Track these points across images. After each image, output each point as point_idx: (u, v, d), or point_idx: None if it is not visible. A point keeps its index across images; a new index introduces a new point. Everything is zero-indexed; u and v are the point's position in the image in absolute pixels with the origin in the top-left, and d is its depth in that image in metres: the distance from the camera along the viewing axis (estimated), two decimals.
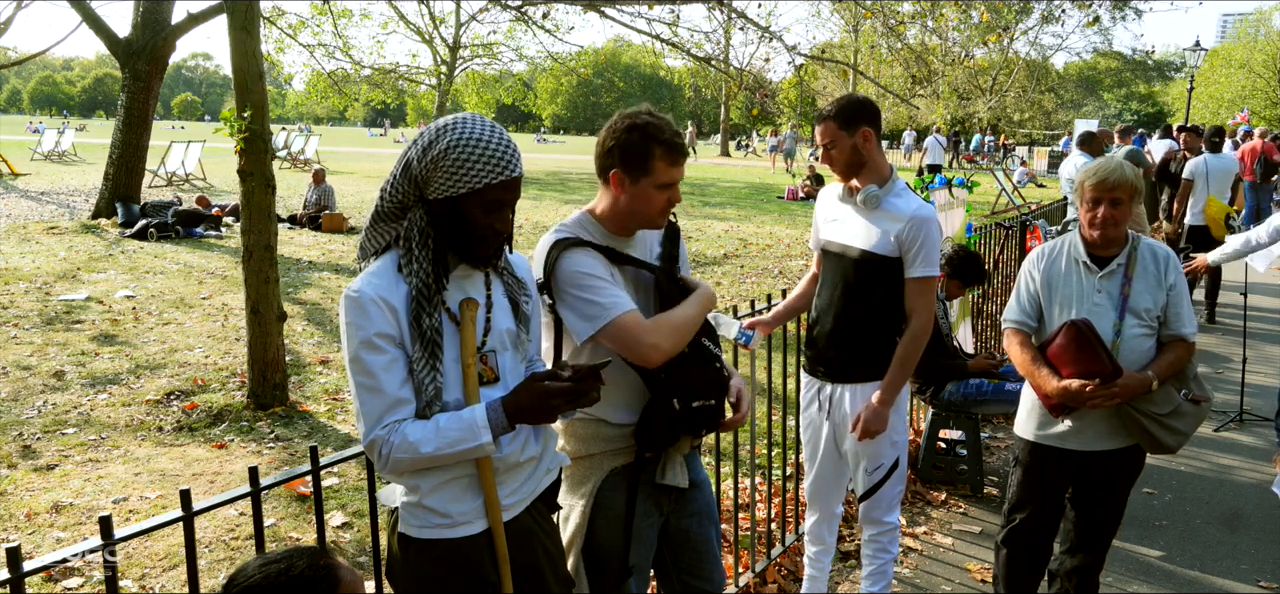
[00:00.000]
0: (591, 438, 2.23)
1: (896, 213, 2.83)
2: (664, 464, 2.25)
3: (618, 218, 2.18)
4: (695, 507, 2.36)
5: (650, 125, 2.11)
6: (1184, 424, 2.78)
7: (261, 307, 5.56)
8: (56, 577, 3.55)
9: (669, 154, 2.11)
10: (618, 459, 2.23)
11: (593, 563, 2.26)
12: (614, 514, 2.23)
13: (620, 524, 2.23)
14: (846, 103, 2.87)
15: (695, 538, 2.37)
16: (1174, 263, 2.85)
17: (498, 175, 1.71)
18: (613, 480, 2.24)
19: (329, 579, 1.35)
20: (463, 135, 1.70)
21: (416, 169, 1.73)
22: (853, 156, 2.86)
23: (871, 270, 2.87)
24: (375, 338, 1.70)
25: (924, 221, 2.80)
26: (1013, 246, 6.84)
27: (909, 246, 2.81)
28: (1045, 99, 44.45)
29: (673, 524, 2.34)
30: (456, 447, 1.70)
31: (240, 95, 5.49)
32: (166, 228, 12.34)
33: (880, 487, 3.03)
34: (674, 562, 2.38)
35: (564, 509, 2.28)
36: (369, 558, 3.24)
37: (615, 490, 2.23)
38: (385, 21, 27.57)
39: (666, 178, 2.12)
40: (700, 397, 2.15)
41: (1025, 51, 36.55)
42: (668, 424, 2.14)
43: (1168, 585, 3.74)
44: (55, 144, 28.38)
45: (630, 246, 2.23)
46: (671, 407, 2.13)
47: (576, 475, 2.27)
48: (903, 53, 14.33)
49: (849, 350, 2.99)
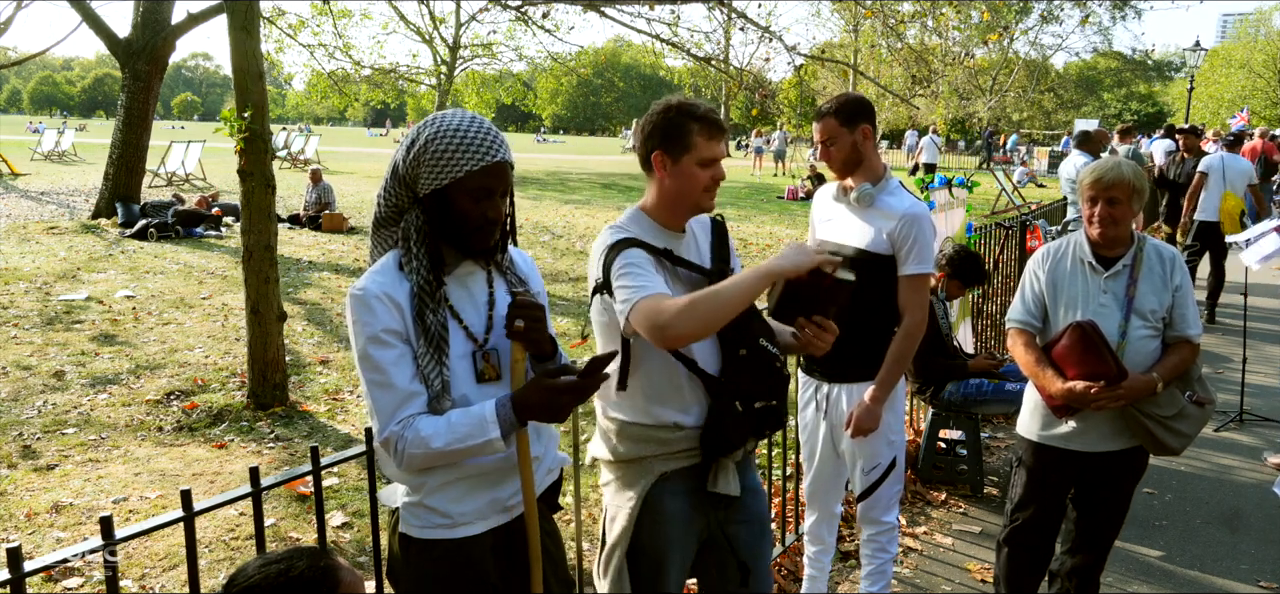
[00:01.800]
0: (645, 439, 2.19)
1: (889, 211, 2.84)
2: (716, 471, 2.20)
3: (667, 204, 2.18)
4: (747, 514, 2.30)
5: (685, 104, 2.13)
6: (1188, 426, 2.78)
7: (261, 307, 5.56)
8: (57, 577, 3.55)
9: (707, 129, 2.12)
10: (670, 463, 2.19)
11: (635, 567, 2.23)
12: (662, 518, 2.19)
13: (667, 529, 2.19)
14: (847, 100, 2.89)
15: (745, 546, 2.30)
16: (1180, 264, 2.85)
17: (478, 161, 1.72)
18: (661, 484, 2.20)
19: (329, 580, 1.35)
20: (440, 128, 1.74)
21: (403, 169, 1.77)
22: (852, 154, 2.87)
23: (866, 269, 2.86)
24: (382, 333, 1.71)
25: (916, 219, 2.81)
26: (1013, 246, 6.84)
27: (902, 244, 2.82)
28: (1045, 99, 44.44)
29: (722, 532, 2.27)
30: (466, 442, 1.70)
31: (240, 95, 5.49)
32: (166, 228, 12.33)
33: (877, 486, 3.03)
34: (719, 570, 2.31)
35: (610, 511, 2.26)
36: (369, 558, 3.23)
37: (664, 494, 2.19)
38: (385, 22, 27.58)
39: (708, 153, 2.13)
40: (761, 398, 2.13)
41: (1025, 51, 36.52)
42: (736, 427, 2.12)
43: (1168, 585, 3.74)
44: (55, 144, 28.37)
45: (683, 247, 2.22)
46: (735, 409, 2.11)
47: (625, 478, 2.23)
48: (903, 53, 14.33)
49: (845, 350, 2.96)
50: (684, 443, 2.17)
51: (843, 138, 2.85)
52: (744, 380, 2.12)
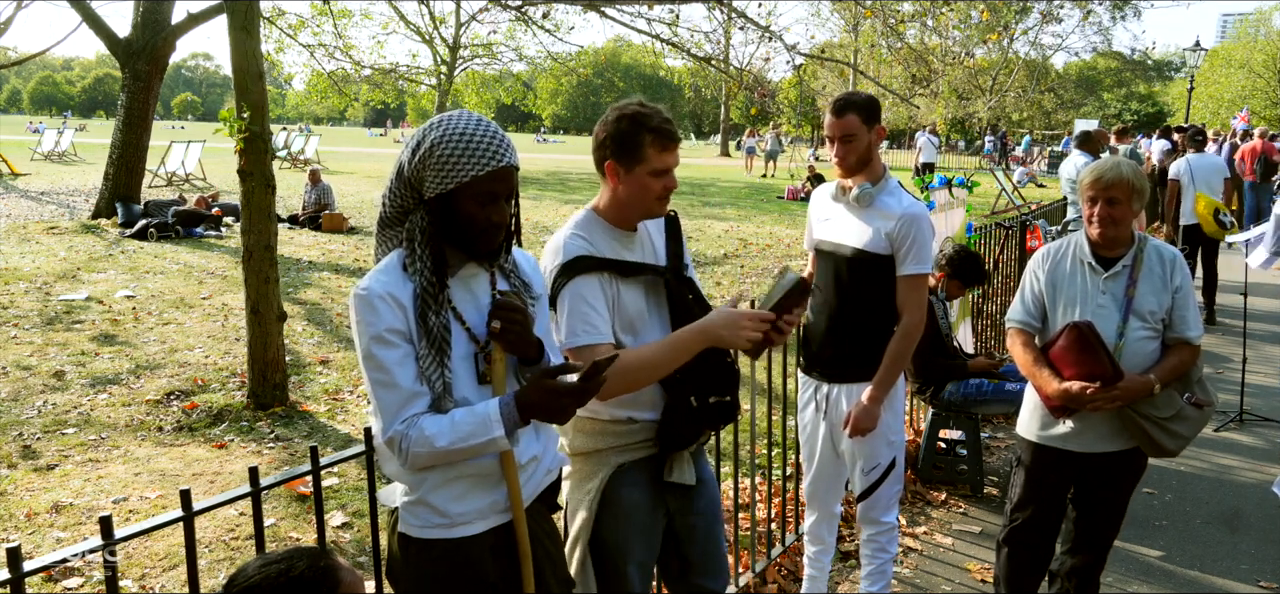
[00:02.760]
0: (599, 433, 2.24)
1: (887, 211, 2.85)
2: (672, 461, 2.27)
3: (618, 209, 2.21)
4: (701, 504, 2.38)
5: (640, 113, 2.13)
6: (1185, 428, 2.78)
7: (261, 306, 5.56)
8: (57, 577, 3.55)
9: (660, 140, 2.13)
10: (625, 455, 2.25)
11: (598, 559, 2.27)
12: (620, 510, 2.25)
13: (627, 520, 2.25)
14: (870, 98, 2.91)
15: (701, 536, 2.38)
16: (1180, 265, 2.84)
17: (485, 167, 1.72)
18: (619, 476, 2.25)
19: (329, 579, 1.35)
20: (447, 131, 1.72)
21: (408, 171, 1.76)
22: (867, 153, 2.88)
23: (865, 269, 2.88)
24: (386, 333, 1.70)
25: (915, 219, 2.82)
26: (1013, 246, 6.84)
27: (900, 244, 2.83)
28: (1045, 99, 44.41)
29: (679, 522, 2.35)
30: (470, 441, 1.70)
31: (240, 95, 5.49)
32: (166, 228, 12.33)
33: (877, 487, 3.03)
34: (680, 560, 2.39)
35: (570, 504, 2.30)
36: (369, 558, 3.24)
37: (622, 486, 2.25)
38: (385, 22, 27.52)
39: (659, 164, 2.14)
40: (715, 393, 2.18)
41: (1025, 51, 36.50)
42: (689, 421, 2.18)
43: (1168, 585, 3.74)
44: (55, 144, 28.36)
45: (634, 247, 2.24)
46: (690, 404, 2.17)
47: (583, 471, 2.28)
48: (903, 52, 14.33)
49: (844, 350, 2.99)
50: (640, 435, 2.23)
51: (862, 136, 2.86)
52: (698, 377, 2.16)
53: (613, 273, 2.17)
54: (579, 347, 2.11)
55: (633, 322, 2.20)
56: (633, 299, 2.20)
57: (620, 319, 2.19)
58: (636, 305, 2.20)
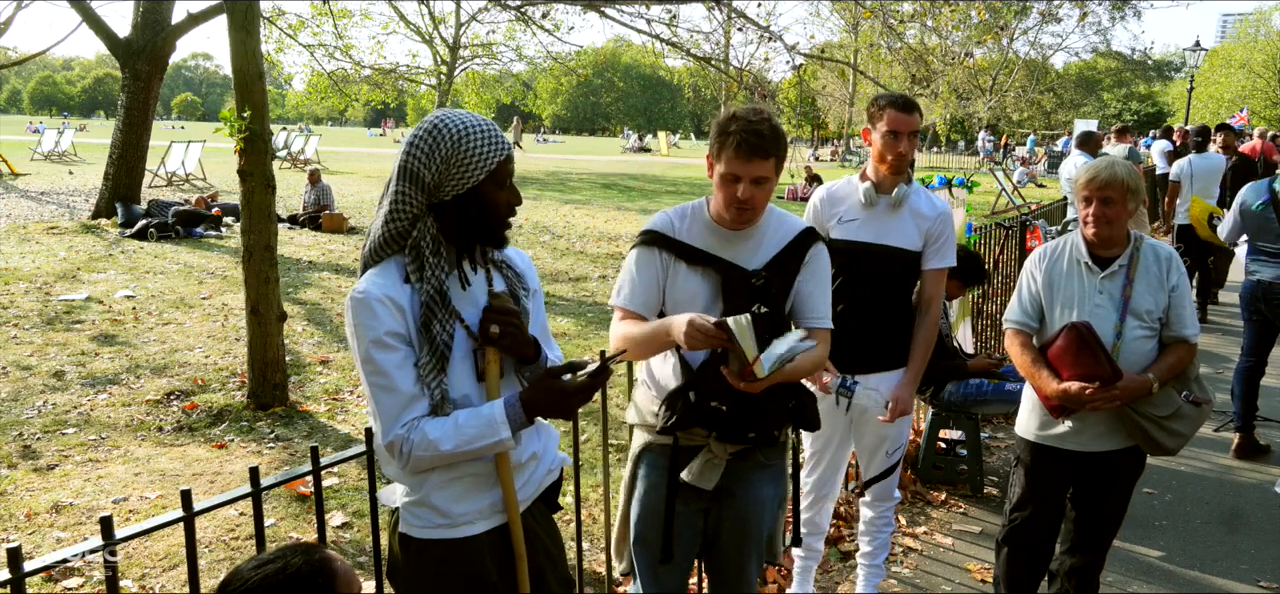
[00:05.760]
0: (640, 406, 2.38)
1: (920, 210, 3.01)
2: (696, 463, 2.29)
3: (715, 203, 2.28)
4: (731, 515, 2.36)
5: (733, 115, 2.17)
6: (1184, 427, 2.79)
7: (261, 307, 5.56)
8: (57, 577, 3.55)
9: (732, 144, 2.13)
10: (650, 437, 2.36)
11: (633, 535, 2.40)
12: (637, 489, 2.39)
13: (640, 500, 2.37)
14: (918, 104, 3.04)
15: (725, 547, 2.39)
16: (1177, 264, 2.84)
17: (501, 150, 1.75)
18: (643, 457, 2.38)
19: (325, 573, 1.35)
20: (458, 130, 1.72)
21: (429, 178, 1.71)
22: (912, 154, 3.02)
23: (899, 265, 3.02)
24: (385, 336, 1.70)
25: (948, 217, 3.07)
26: (1013, 246, 6.84)
27: (934, 239, 3.00)
28: (1045, 99, 44.43)
29: (710, 526, 2.39)
30: (475, 443, 1.71)
31: (240, 95, 5.49)
32: (166, 228, 12.33)
33: (896, 467, 3.23)
34: (708, 564, 2.47)
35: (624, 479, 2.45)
36: (369, 558, 3.24)
37: (641, 466, 2.39)
38: (385, 22, 27.54)
39: (729, 170, 2.15)
40: (719, 399, 2.19)
41: (1025, 51, 36.50)
42: (684, 410, 2.22)
43: (1168, 585, 3.74)
44: (55, 144, 28.35)
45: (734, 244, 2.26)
46: (689, 397, 2.21)
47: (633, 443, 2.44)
48: (902, 52, 14.32)
49: (875, 342, 3.11)
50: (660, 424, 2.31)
51: (913, 139, 2.97)
52: (706, 379, 2.21)
53: (676, 254, 2.26)
54: (615, 304, 2.32)
55: (681, 304, 2.24)
56: (689, 283, 2.25)
57: (671, 298, 2.27)
58: (690, 290, 2.25)
